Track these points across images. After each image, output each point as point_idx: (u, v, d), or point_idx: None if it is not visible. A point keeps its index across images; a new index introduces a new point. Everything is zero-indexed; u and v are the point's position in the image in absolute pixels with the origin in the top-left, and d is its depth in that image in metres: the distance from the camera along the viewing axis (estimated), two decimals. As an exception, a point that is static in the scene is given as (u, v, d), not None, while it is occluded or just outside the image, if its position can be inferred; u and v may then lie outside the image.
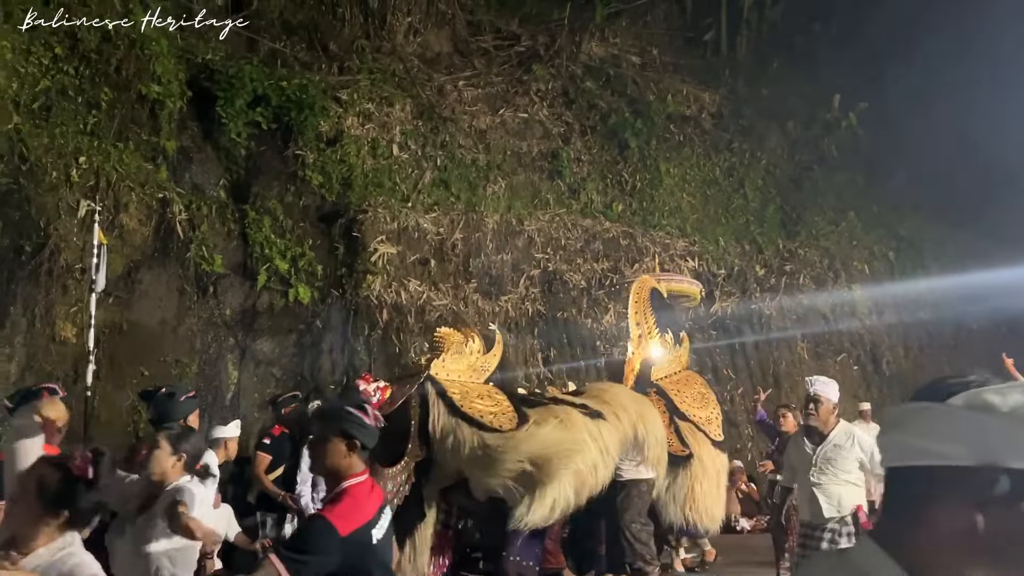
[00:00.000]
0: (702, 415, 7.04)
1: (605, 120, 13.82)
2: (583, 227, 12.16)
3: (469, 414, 5.29)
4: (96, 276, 7.04)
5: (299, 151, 10.83)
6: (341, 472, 2.94)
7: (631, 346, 7.26)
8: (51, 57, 8.84)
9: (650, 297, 7.55)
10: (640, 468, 6.25)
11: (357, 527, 2.80)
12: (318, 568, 2.74)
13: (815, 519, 5.16)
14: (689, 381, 7.43)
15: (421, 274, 10.73)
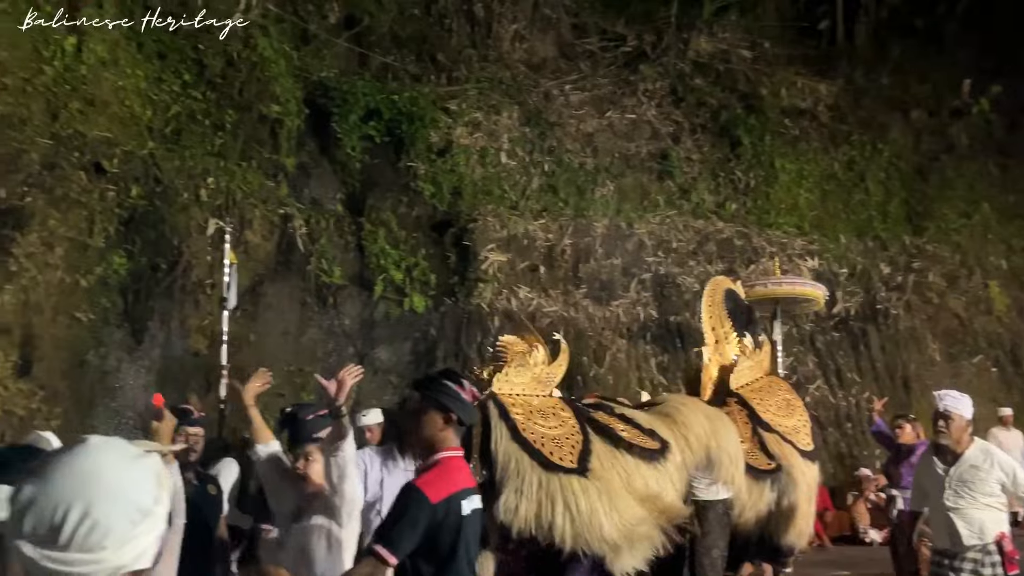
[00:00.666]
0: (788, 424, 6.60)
1: (716, 117, 13.49)
2: (695, 228, 11.91)
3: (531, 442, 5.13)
4: (227, 294, 7.39)
5: (411, 163, 11.06)
6: (436, 444, 2.94)
7: (706, 353, 6.91)
8: (180, 84, 9.36)
9: (725, 299, 7.17)
10: (714, 488, 5.74)
11: (447, 495, 2.81)
12: (413, 537, 2.76)
13: (954, 547, 4.72)
14: (772, 388, 6.98)
15: (531, 281, 10.76)
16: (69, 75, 8.30)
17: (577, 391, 10.43)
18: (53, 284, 7.63)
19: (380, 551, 2.73)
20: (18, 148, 7.51)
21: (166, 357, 8.60)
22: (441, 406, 2.95)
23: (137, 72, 8.96)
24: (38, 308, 7.52)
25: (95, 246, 7.94)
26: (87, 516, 1.10)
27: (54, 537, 1.09)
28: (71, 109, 8.19)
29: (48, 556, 1.09)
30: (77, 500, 1.11)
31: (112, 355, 8.06)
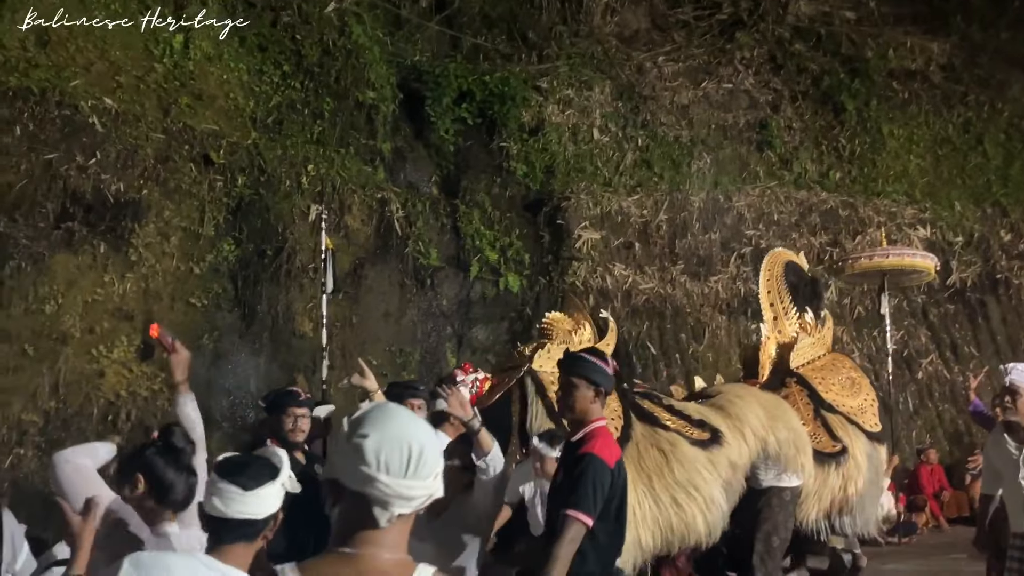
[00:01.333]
0: (853, 404, 6.16)
1: (818, 83, 12.97)
2: (797, 200, 11.52)
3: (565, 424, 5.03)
4: (325, 278, 7.62)
5: (503, 143, 11.11)
6: (588, 415, 3.22)
7: (764, 329, 6.51)
8: (280, 74, 9.66)
9: (785, 272, 6.75)
10: (784, 476, 5.51)
11: (617, 460, 3.13)
12: (601, 500, 3.03)
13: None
14: (836, 366, 6.47)
15: (626, 258, 10.67)
16: (178, 71, 8.69)
17: (675, 369, 10.33)
18: (169, 272, 8.04)
19: (580, 516, 2.97)
20: (134, 143, 7.93)
21: (274, 340, 8.94)
22: (592, 381, 3.22)
23: (240, 65, 9.30)
24: (157, 295, 7.95)
25: (206, 235, 8.32)
26: (423, 451, 1.46)
27: (403, 470, 1.43)
28: (181, 104, 8.58)
29: (399, 483, 1.43)
30: (414, 440, 1.46)
31: (225, 338, 8.44)
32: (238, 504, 2.09)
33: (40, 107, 7.47)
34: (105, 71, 8.13)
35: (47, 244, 7.24)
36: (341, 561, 1.45)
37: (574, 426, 3.31)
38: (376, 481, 1.43)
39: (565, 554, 2.93)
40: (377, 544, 1.45)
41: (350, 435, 1.48)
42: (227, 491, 2.09)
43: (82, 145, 7.62)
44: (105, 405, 7.37)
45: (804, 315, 6.49)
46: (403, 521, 1.47)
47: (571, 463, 3.16)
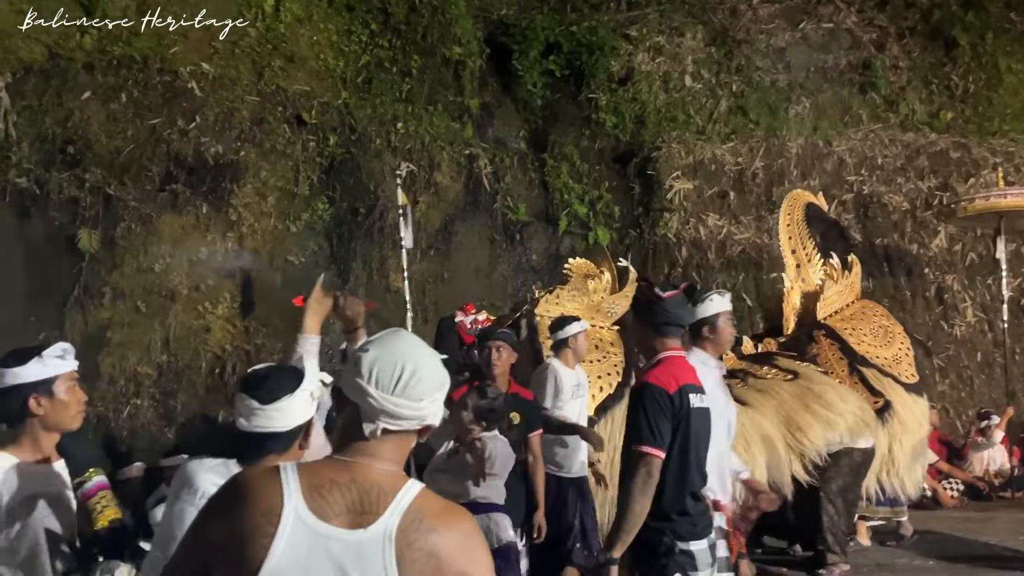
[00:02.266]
0: (887, 355, 5.64)
1: (927, 18, 12.17)
2: (903, 142, 10.92)
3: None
4: (403, 234, 7.71)
5: (592, 94, 10.93)
6: (655, 349, 3.12)
7: (787, 279, 6.04)
8: (368, 33, 9.75)
9: (806, 216, 6.22)
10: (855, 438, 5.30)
11: (680, 386, 2.97)
12: (668, 426, 2.93)
13: None
14: (866, 313, 6.02)
15: (720, 208, 10.39)
16: (270, 34, 8.88)
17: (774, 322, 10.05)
18: (267, 231, 8.32)
19: (649, 450, 2.88)
20: (230, 107, 8.18)
21: (370, 296, 9.14)
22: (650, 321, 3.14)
23: (329, 26, 9.43)
24: (257, 253, 8.25)
25: (301, 194, 8.55)
26: (416, 372, 1.51)
27: (392, 386, 1.50)
28: (274, 66, 8.79)
29: (386, 399, 1.49)
30: (409, 361, 1.52)
31: (322, 295, 8.70)
32: (259, 418, 2.12)
33: (143, 74, 7.79)
34: (201, 37, 8.38)
35: (154, 206, 7.59)
36: (337, 466, 1.52)
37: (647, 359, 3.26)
38: (365, 393, 1.50)
39: (638, 489, 2.86)
40: (370, 455, 1.52)
41: (358, 349, 1.57)
42: (248, 405, 2.12)
43: (182, 110, 7.92)
44: (212, 359, 7.74)
45: (829, 261, 6.05)
46: (396, 439, 1.53)
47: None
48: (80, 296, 7.11)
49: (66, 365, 2.42)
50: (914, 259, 10.26)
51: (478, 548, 1.53)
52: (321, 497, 1.46)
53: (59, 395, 2.39)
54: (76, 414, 2.45)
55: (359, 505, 1.47)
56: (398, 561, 1.44)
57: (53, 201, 7.11)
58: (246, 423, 2.13)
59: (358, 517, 1.46)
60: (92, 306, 7.15)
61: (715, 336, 3.74)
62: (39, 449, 2.39)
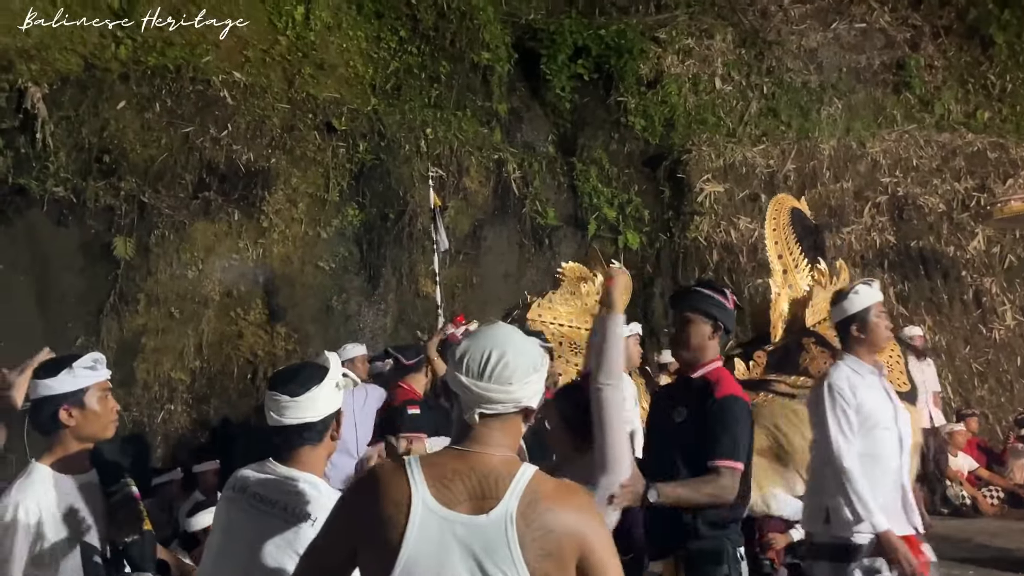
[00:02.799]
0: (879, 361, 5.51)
1: (962, 17, 11.97)
2: (939, 143, 10.74)
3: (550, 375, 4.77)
4: (437, 237, 7.72)
5: (620, 98, 10.89)
6: (705, 352, 3.03)
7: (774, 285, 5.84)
8: (397, 40, 9.81)
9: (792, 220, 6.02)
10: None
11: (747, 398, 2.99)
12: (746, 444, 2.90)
13: None
14: None
15: (752, 211, 10.28)
16: (300, 42, 8.96)
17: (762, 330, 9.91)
18: (299, 237, 8.38)
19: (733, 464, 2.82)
20: (261, 114, 8.26)
21: (400, 301, 9.19)
22: (709, 315, 3.03)
23: (359, 33, 9.50)
24: (288, 259, 8.31)
25: (331, 200, 8.60)
26: (503, 358, 1.62)
27: (481, 372, 1.61)
28: (304, 74, 8.86)
29: (476, 384, 1.61)
30: (497, 347, 1.63)
31: (352, 300, 8.74)
32: (291, 410, 2.19)
33: (176, 83, 7.89)
34: (233, 46, 8.48)
35: (187, 213, 7.68)
36: (456, 456, 1.65)
37: (689, 362, 3.10)
38: (459, 383, 1.63)
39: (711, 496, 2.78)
40: (483, 443, 1.64)
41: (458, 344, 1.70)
42: (279, 400, 2.18)
43: (215, 118, 8.01)
44: (244, 364, 7.81)
45: (817, 266, 5.87)
46: (502, 423, 1.65)
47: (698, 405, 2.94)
48: (116, 303, 7.22)
49: (97, 375, 2.45)
50: (951, 262, 10.07)
51: (594, 520, 1.64)
52: (445, 487, 1.59)
53: (90, 406, 2.42)
54: (108, 424, 2.48)
55: (480, 491, 1.59)
56: (520, 541, 1.55)
57: (89, 210, 7.23)
58: (278, 418, 2.20)
59: (480, 502, 1.58)
60: (127, 313, 7.24)
61: (868, 335, 3.34)
62: (72, 460, 2.42)
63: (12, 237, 6.86)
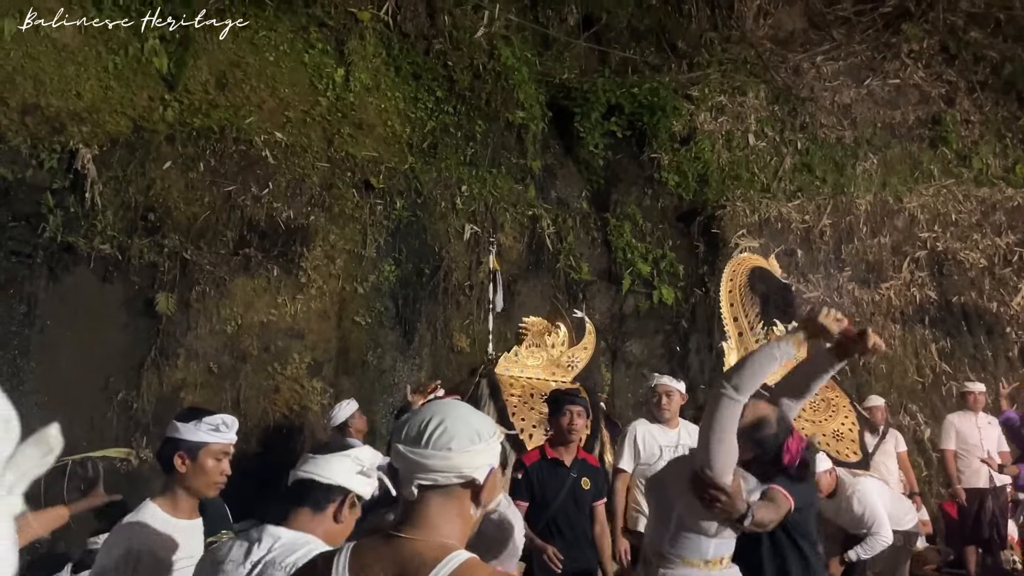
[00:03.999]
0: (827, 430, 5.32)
1: (998, 72, 11.96)
2: (978, 197, 10.64)
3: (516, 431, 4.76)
4: (493, 298, 7.78)
5: (654, 154, 10.98)
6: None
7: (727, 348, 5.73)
8: (434, 100, 10.02)
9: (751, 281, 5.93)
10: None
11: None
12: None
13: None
14: None
15: (788, 265, 10.20)
16: (340, 103, 9.20)
17: (847, 383, 9.75)
18: (335, 292, 8.49)
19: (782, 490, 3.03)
20: (301, 173, 8.46)
21: (434, 356, 9.23)
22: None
23: (396, 94, 9.73)
24: (325, 315, 8.42)
25: (368, 256, 8.73)
26: (441, 424, 1.54)
27: (418, 438, 1.54)
28: (343, 134, 9.08)
29: (412, 451, 1.53)
30: (436, 415, 1.56)
31: (387, 355, 8.80)
32: (307, 464, 2.24)
33: (220, 144, 8.13)
34: (275, 107, 8.74)
35: (227, 269, 7.83)
36: (384, 541, 1.54)
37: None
38: (396, 450, 1.56)
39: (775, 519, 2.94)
40: (418, 526, 1.52)
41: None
42: (303, 457, 2.27)
43: (256, 177, 8.21)
44: (280, 418, 7.86)
45: (773, 329, 5.75)
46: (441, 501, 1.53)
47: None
48: (156, 358, 7.34)
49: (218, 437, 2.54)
50: (994, 317, 9.88)
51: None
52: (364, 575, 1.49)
53: (202, 461, 2.54)
54: (212, 484, 2.58)
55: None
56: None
57: (134, 266, 7.40)
58: (295, 472, 2.25)
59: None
60: (167, 368, 7.36)
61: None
62: (180, 505, 2.53)
63: (60, 294, 7.04)
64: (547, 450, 4.59)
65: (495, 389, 5.09)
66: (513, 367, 5.16)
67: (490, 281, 7.93)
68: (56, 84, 7.55)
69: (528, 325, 5.66)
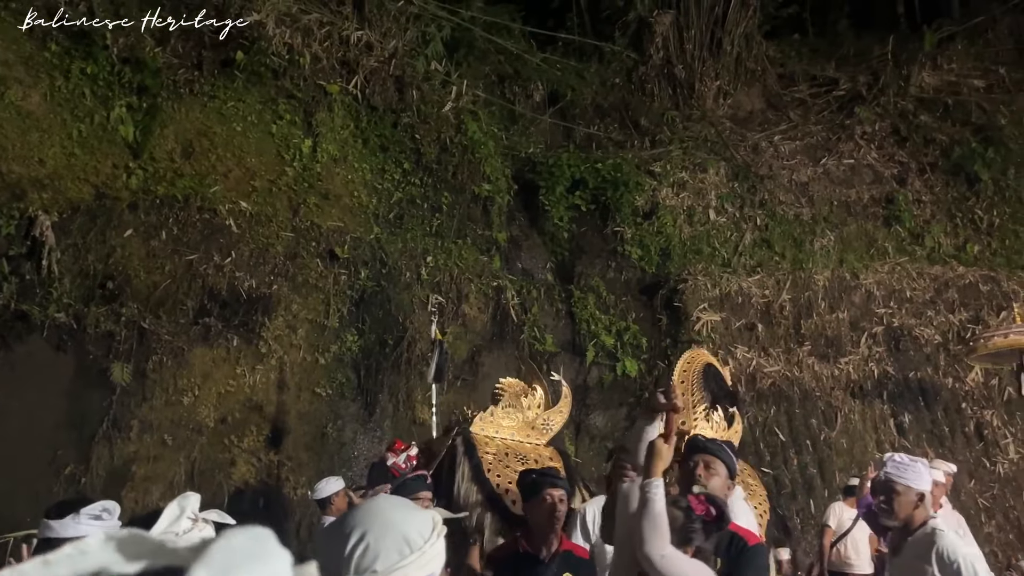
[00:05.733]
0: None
1: (947, 154, 12.42)
2: (931, 275, 10.91)
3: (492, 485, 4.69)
4: (430, 367, 7.72)
5: (617, 228, 11.15)
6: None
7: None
8: (401, 172, 10.13)
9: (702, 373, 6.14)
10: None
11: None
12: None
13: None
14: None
15: (748, 340, 10.33)
16: (307, 173, 9.26)
17: (807, 457, 9.79)
18: (296, 363, 8.39)
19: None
20: (265, 242, 8.44)
21: (395, 428, 9.10)
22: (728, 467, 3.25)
23: (364, 165, 9.82)
24: (284, 386, 8.30)
25: (331, 326, 8.67)
26: (362, 541, 1.34)
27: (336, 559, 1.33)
28: (309, 203, 9.11)
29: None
30: (357, 528, 1.35)
31: (348, 427, 8.67)
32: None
33: (183, 212, 8.11)
34: (241, 177, 8.76)
35: (186, 339, 7.72)
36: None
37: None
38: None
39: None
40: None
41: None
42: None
43: (219, 245, 8.18)
44: (235, 493, 7.66)
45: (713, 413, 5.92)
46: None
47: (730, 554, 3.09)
48: (108, 429, 7.15)
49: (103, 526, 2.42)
50: (951, 393, 10.04)
51: None
52: None
53: None
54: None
55: None
56: None
57: (89, 335, 7.28)
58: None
59: None
60: (119, 439, 7.17)
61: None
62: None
63: (11, 363, 6.87)
64: (521, 543, 3.99)
65: (470, 446, 5.02)
66: (488, 427, 5.13)
67: (431, 351, 7.89)
68: (18, 150, 7.51)
69: (505, 386, 5.66)
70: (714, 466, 3.20)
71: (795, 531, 9.29)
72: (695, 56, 13.43)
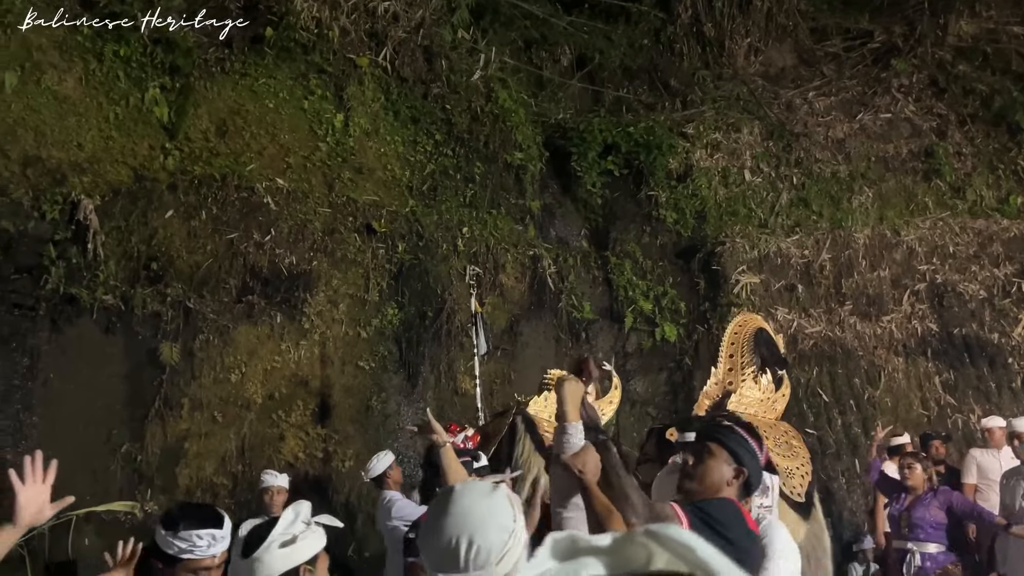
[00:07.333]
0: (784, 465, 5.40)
1: (988, 104, 12.12)
2: (974, 229, 10.71)
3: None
4: (477, 341, 7.75)
5: (651, 192, 11.04)
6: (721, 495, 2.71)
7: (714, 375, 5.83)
8: (433, 143, 10.08)
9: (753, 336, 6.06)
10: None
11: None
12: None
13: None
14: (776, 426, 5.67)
15: (789, 301, 10.23)
16: (340, 148, 9.24)
17: (851, 416, 9.73)
18: (339, 338, 8.45)
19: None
20: (303, 219, 8.46)
21: (438, 398, 9.16)
22: (737, 458, 2.76)
23: (395, 138, 9.78)
24: (328, 360, 8.36)
25: (371, 300, 8.70)
26: (472, 543, 1.48)
27: (454, 565, 1.47)
28: (343, 179, 9.10)
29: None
30: (463, 533, 1.48)
31: (392, 399, 8.73)
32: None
33: (221, 191, 8.14)
34: (276, 154, 8.77)
35: (231, 317, 7.79)
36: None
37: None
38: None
39: None
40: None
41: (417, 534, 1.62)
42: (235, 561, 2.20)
43: (258, 223, 8.21)
44: (285, 467, 7.76)
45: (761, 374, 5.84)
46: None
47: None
48: (160, 408, 7.27)
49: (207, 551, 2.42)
50: (996, 349, 9.89)
51: None
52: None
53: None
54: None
55: None
56: None
57: (137, 317, 7.36)
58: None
59: None
60: (171, 418, 7.29)
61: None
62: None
63: (63, 347, 6.98)
64: None
65: (530, 423, 5.11)
66: (543, 411, 5.18)
67: (472, 324, 7.90)
68: (57, 135, 7.56)
69: (552, 376, 5.68)
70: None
71: (840, 491, 9.27)
72: (724, 13, 13.15)
